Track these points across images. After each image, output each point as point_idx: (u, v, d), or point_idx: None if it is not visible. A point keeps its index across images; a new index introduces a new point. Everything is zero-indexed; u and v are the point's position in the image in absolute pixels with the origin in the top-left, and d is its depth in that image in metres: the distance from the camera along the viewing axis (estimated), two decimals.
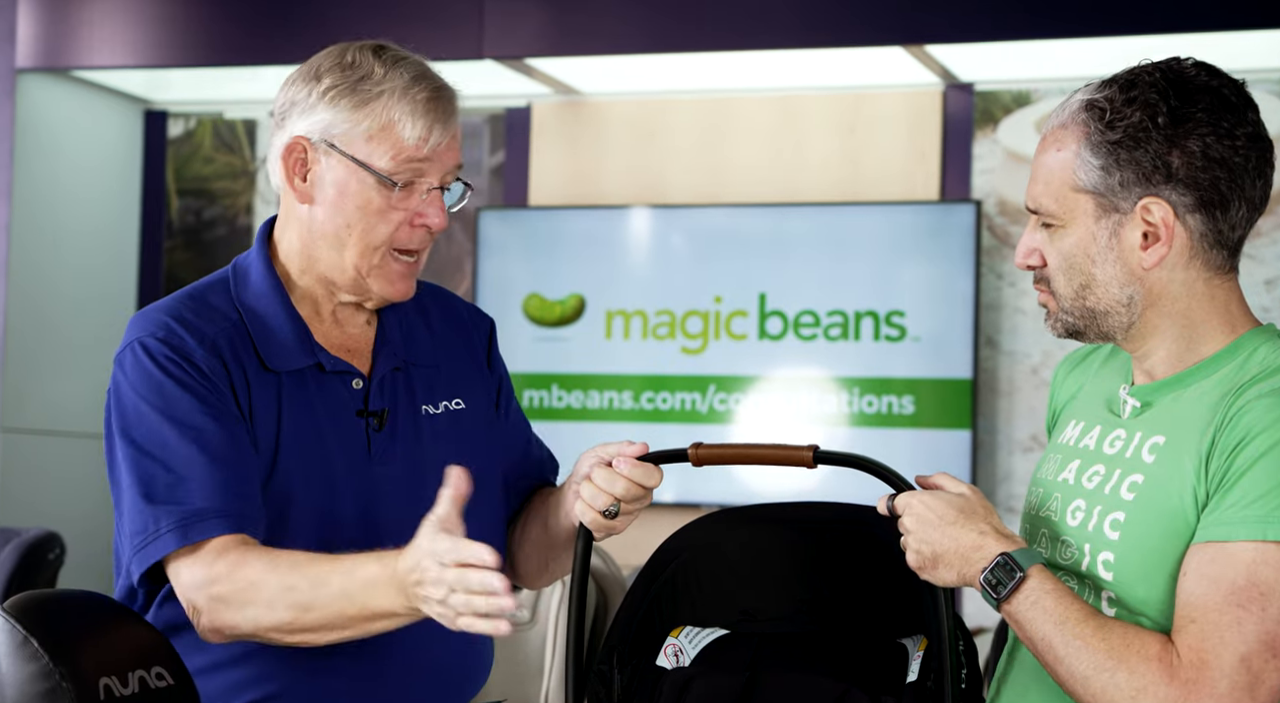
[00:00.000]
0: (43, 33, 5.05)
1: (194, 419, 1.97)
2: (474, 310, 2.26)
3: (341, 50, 2.05)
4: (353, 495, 2.03)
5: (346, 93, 2.01)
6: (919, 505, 1.85)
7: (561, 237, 5.20)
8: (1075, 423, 1.98)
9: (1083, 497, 1.88)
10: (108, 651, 1.85)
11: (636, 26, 4.69)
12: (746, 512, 2.10)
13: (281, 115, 2.06)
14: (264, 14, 4.92)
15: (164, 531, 1.94)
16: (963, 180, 4.99)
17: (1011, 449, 4.93)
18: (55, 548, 4.03)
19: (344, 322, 2.11)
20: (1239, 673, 1.69)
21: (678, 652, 1.98)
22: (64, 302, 5.34)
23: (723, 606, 2.03)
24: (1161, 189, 1.80)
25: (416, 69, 2.04)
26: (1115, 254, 1.83)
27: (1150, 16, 4.28)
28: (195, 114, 5.66)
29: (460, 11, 4.75)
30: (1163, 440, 1.83)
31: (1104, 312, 1.86)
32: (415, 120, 2.01)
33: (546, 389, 5.17)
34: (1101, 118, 1.81)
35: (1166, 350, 1.87)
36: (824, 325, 5.00)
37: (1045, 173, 1.87)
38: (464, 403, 2.14)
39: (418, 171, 2.03)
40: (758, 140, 5.18)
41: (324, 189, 2.03)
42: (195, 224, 5.63)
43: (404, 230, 2.04)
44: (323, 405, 2.05)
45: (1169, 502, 1.80)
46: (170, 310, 2.04)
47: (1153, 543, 1.80)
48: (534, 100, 5.34)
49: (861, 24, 4.54)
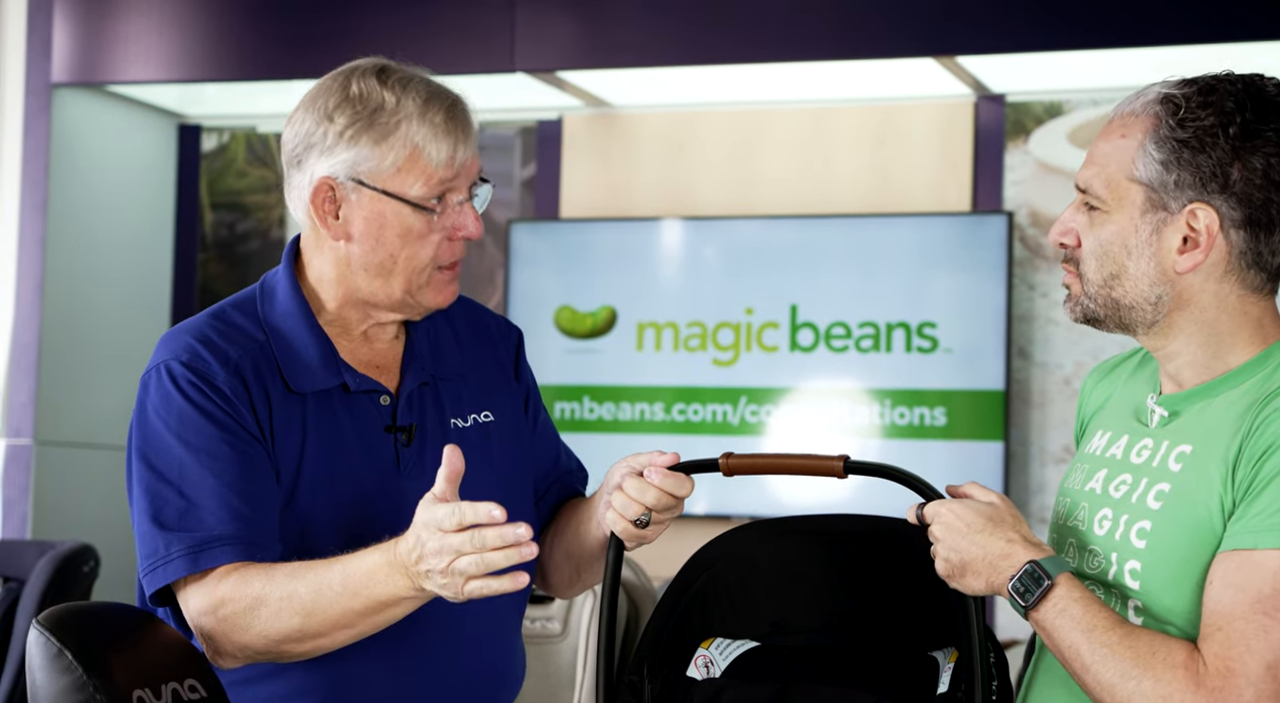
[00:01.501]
0: (78, 47, 5.09)
1: (212, 446, 1.97)
2: (501, 321, 2.26)
3: (345, 81, 2.04)
4: (382, 512, 2.03)
5: (364, 130, 2.01)
6: (948, 514, 1.85)
7: (593, 249, 5.21)
8: (1103, 433, 1.97)
9: (1110, 506, 1.88)
10: (140, 663, 1.86)
11: (667, 39, 4.70)
12: (778, 524, 2.10)
13: (297, 156, 2.05)
14: (296, 28, 4.94)
15: (174, 556, 1.95)
16: (994, 192, 4.98)
17: (1044, 461, 4.91)
18: (90, 561, 4.04)
19: (373, 338, 2.11)
20: (1265, 681, 1.69)
21: (708, 663, 1.98)
22: (99, 315, 5.37)
23: (753, 618, 2.03)
24: (1214, 198, 1.80)
25: (426, 88, 2.04)
26: (1152, 251, 1.83)
27: (1184, 27, 4.26)
28: (229, 128, 5.68)
29: (492, 25, 4.76)
30: (1190, 450, 1.83)
31: (1129, 306, 1.86)
32: (439, 143, 2.01)
33: (578, 401, 5.18)
34: (1175, 114, 1.81)
35: (1191, 355, 1.87)
36: (855, 337, 4.99)
37: (1103, 157, 1.86)
38: (493, 415, 2.15)
39: (448, 189, 2.03)
40: (789, 152, 5.17)
41: (359, 225, 2.03)
42: (229, 237, 5.65)
43: (444, 247, 2.05)
44: (350, 424, 2.05)
45: (1196, 510, 1.79)
46: (196, 332, 2.04)
47: (1179, 552, 1.80)
48: (565, 113, 5.35)
49: (892, 35, 4.54)
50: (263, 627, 1.92)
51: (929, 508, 1.87)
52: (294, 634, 1.91)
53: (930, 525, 1.86)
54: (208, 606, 1.94)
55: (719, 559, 2.06)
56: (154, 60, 5.03)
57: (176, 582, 1.96)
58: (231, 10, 5.00)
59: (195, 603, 1.95)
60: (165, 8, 5.02)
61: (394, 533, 1.98)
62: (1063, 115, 4.95)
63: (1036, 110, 4.96)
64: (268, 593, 1.91)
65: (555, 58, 4.80)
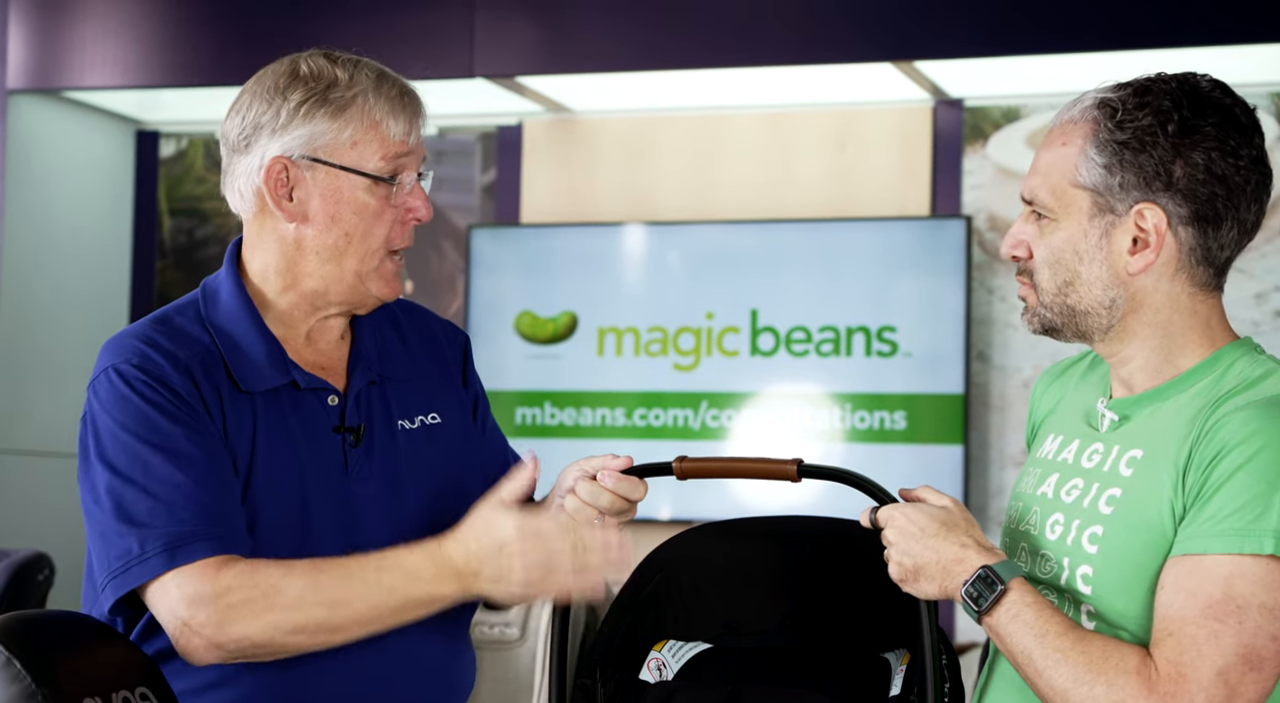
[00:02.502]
0: (33, 54, 5.06)
1: (175, 443, 1.96)
2: (448, 326, 2.26)
3: (291, 65, 2.04)
4: (330, 512, 2.03)
5: (319, 104, 2.00)
6: (901, 518, 1.86)
7: (553, 254, 5.21)
8: (1054, 437, 1.98)
9: (1061, 511, 1.89)
10: (91, 671, 1.84)
11: (627, 44, 4.70)
12: (730, 526, 2.10)
13: (245, 140, 2.04)
14: (255, 34, 4.92)
15: (150, 554, 1.92)
16: (953, 196, 5.00)
17: (1004, 464, 4.93)
18: (45, 569, 4.02)
19: (317, 340, 2.10)
20: (1216, 687, 1.69)
21: (661, 666, 1.98)
22: (56, 322, 5.34)
23: (705, 620, 2.04)
24: (1159, 196, 1.81)
25: (375, 68, 2.05)
26: (1103, 255, 1.84)
27: (1140, 32, 4.29)
28: (187, 134, 5.66)
29: (451, 30, 4.76)
30: (1140, 454, 1.84)
31: (1084, 311, 1.87)
32: (396, 117, 2.02)
33: (539, 407, 5.17)
34: (1113, 117, 1.82)
35: (1144, 360, 1.88)
36: (816, 341, 5.00)
37: (1046, 166, 1.87)
38: (440, 417, 2.14)
39: (401, 166, 2.03)
40: (749, 157, 5.18)
41: (314, 204, 2.02)
42: (187, 244, 5.63)
43: (396, 229, 2.04)
44: (298, 424, 2.04)
45: (1146, 515, 1.80)
46: (142, 335, 2.03)
47: (1131, 556, 1.80)
48: (525, 118, 5.35)
49: (851, 41, 4.55)
50: (276, 617, 1.90)
51: (882, 512, 1.87)
52: (313, 626, 1.91)
53: (883, 530, 1.87)
54: (204, 595, 1.90)
55: (672, 561, 2.06)
56: (111, 66, 5.01)
57: (147, 582, 1.94)
58: (189, 16, 4.98)
59: (183, 593, 1.91)
60: (122, 13, 5.00)
61: (343, 534, 1.98)
62: (1020, 120, 4.97)
63: (994, 115, 4.99)
64: (287, 585, 1.90)
65: (515, 63, 4.80)
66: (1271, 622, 1.70)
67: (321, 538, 2.01)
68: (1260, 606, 1.70)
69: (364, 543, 2.02)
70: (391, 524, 2.06)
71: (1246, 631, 1.70)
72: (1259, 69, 4.59)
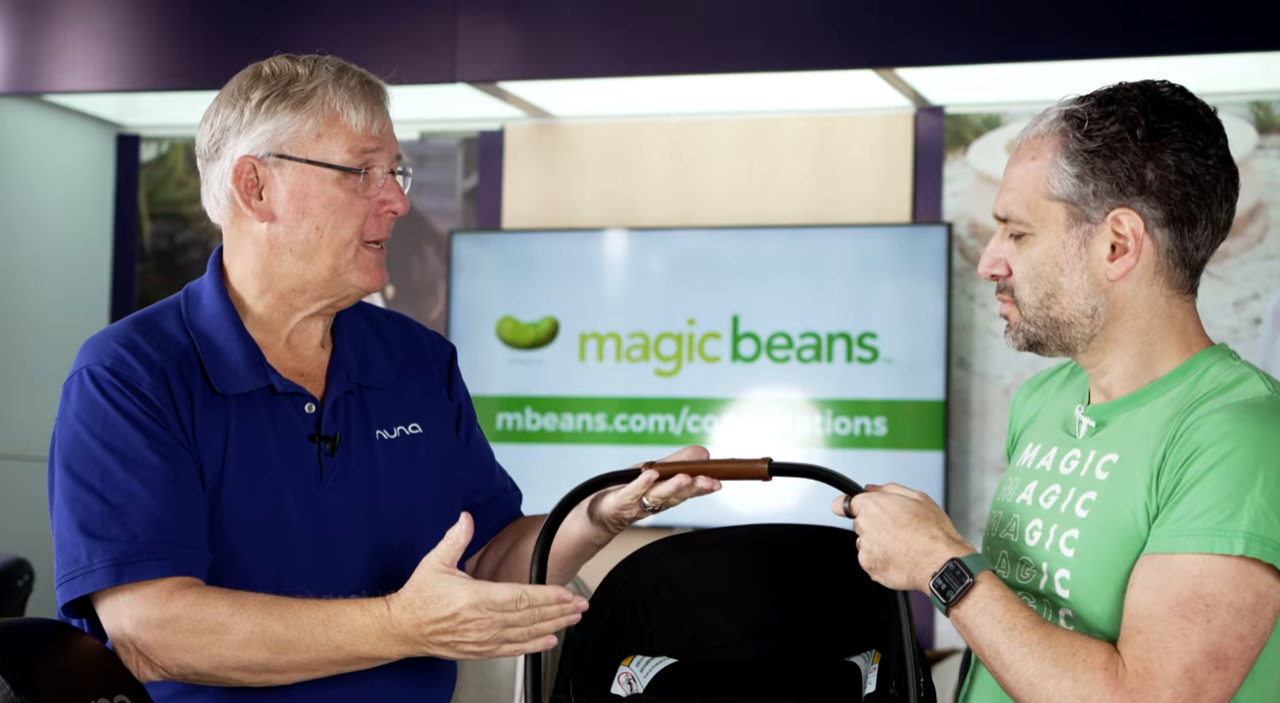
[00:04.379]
0: (14, 57, 5.04)
1: (138, 453, 1.95)
2: (434, 337, 2.25)
3: (255, 69, 2.06)
4: (304, 520, 2.02)
5: (280, 98, 2.01)
6: (873, 507, 1.87)
7: (535, 259, 5.20)
8: (1033, 445, 1.99)
9: (1040, 517, 1.90)
10: (69, 678, 1.84)
11: (609, 50, 4.70)
12: (688, 538, 2.11)
13: (214, 146, 2.05)
14: (236, 38, 4.92)
15: (97, 566, 1.92)
16: (934, 203, 5.01)
17: (984, 470, 4.94)
18: (24, 575, 4.01)
19: (298, 346, 2.09)
20: (1182, 684, 1.70)
21: (630, 680, 1.99)
22: (35, 325, 5.32)
23: (670, 635, 2.04)
24: (1134, 200, 1.83)
25: (337, 62, 2.05)
26: (1083, 264, 1.85)
27: (1120, 40, 4.31)
28: (167, 138, 5.65)
29: (433, 35, 4.75)
30: (1116, 459, 1.85)
31: (1067, 322, 1.88)
32: (357, 107, 2.02)
33: (520, 412, 5.17)
34: (1080, 127, 1.84)
35: (1123, 367, 1.89)
36: (797, 347, 5.01)
37: (1018, 181, 1.89)
38: (421, 428, 2.13)
39: (371, 159, 2.03)
40: (730, 163, 5.19)
41: (282, 201, 2.02)
42: (168, 248, 5.62)
43: (370, 222, 2.04)
44: (273, 429, 2.03)
45: (1121, 516, 1.81)
46: (120, 337, 2.03)
47: (1107, 558, 1.81)
48: (507, 123, 5.35)
49: (832, 47, 4.56)
50: (220, 652, 1.91)
51: (856, 500, 1.89)
52: (255, 666, 1.91)
53: (856, 517, 1.88)
54: (152, 619, 1.91)
55: (633, 577, 2.07)
56: (92, 70, 5.00)
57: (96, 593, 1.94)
58: (170, 19, 4.97)
59: (131, 613, 1.92)
60: (103, 17, 4.99)
61: (315, 544, 1.98)
62: (1001, 127, 4.98)
63: (975, 122, 5.00)
64: (234, 623, 1.90)
65: (497, 69, 4.80)
66: (1239, 621, 1.71)
67: (296, 544, 2.01)
68: (1228, 605, 1.71)
69: (337, 551, 2.02)
70: (368, 533, 2.05)
71: (1214, 629, 1.71)
72: (1238, 78, 4.61)
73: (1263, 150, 4.75)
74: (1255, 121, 4.76)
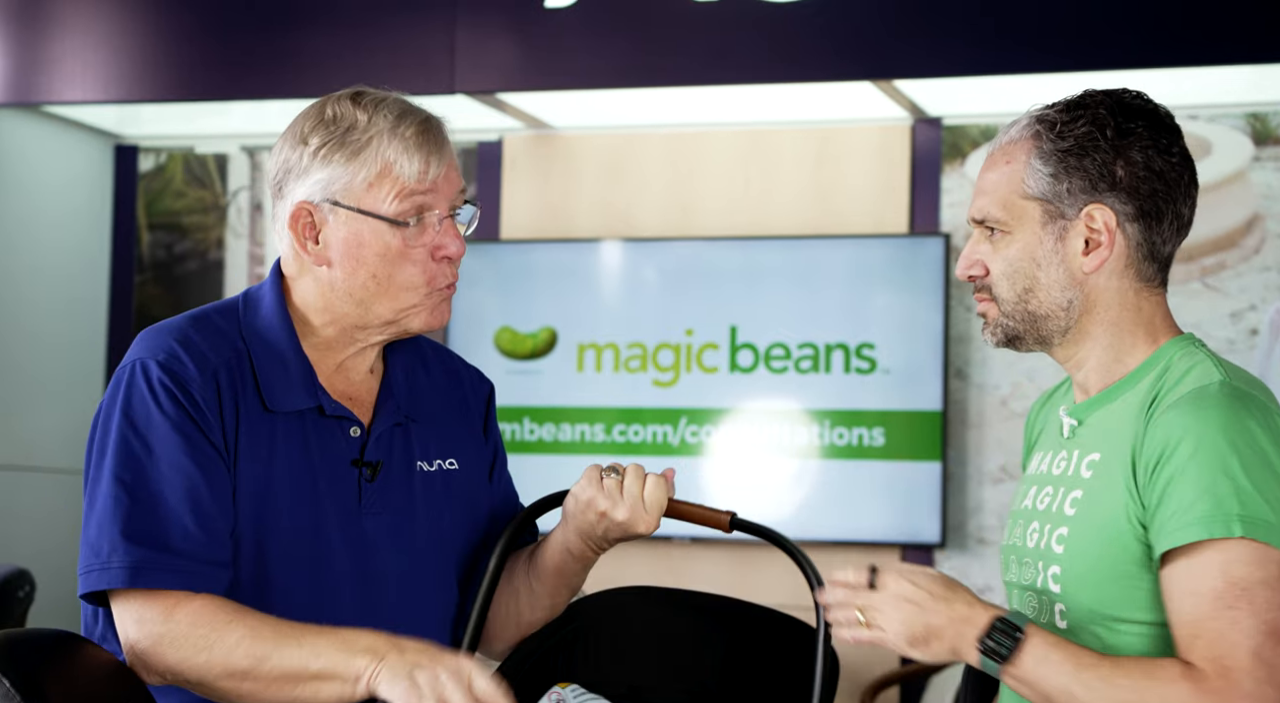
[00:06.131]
0: (12, 67, 5.05)
1: (174, 457, 1.96)
2: (475, 373, 2.26)
3: (320, 107, 2.05)
4: (341, 543, 2.03)
5: (337, 148, 2.01)
6: (906, 585, 1.88)
7: (533, 270, 5.21)
8: (1041, 454, 2.07)
9: (1037, 518, 1.98)
10: (79, 688, 1.85)
11: (607, 61, 4.71)
12: (660, 593, 2.16)
13: (279, 184, 2.06)
14: (235, 49, 4.92)
15: (114, 566, 1.93)
16: (931, 214, 5.03)
17: (981, 480, 4.95)
18: (25, 586, 4.01)
19: (348, 370, 2.10)
20: (1257, 667, 1.76)
21: (559, 701, 2.01)
22: (34, 337, 5.32)
23: (613, 677, 2.07)
24: (1106, 196, 1.92)
25: (399, 107, 2.05)
26: (1059, 258, 1.94)
27: (1117, 52, 4.32)
28: (166, 149, 5.65)
29: (432, 46, 4.76)
30: (1098, 457, 1.93)
31: (1044, 315, 1.96)
32: (411, 157, 2.01)
33: (518, 422, 5.17)
34: (1053, 129, 1.94)
35: (1096, 359, 1.97)
36: (795, 358, 5.02)
37: (993, 185, 1.98)
38: (457, 463, 2.14)
39: (424, 206, 2.03)
40: (728, 174, 5.20)
41: (338, 248, 2.02)
42: (166, 259, 5.62)
43: (431, 267, 2.04)
44: (318, 449, 2.04)
45: (1105, 511, 1.89)
46: (177, 332, 2.03)
47: (1093, 551, 1.89)
48: (505, 134, 5.36)
49: (830, 59, 4.57)
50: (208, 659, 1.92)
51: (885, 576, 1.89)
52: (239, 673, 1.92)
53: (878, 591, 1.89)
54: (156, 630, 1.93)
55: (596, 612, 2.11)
56: (90, 80, 5.00)
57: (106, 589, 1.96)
58: (169, 30, 4.98)
59: (139, 616, 1.94)
60: (102, 27, 4.99)
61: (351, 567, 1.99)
62: None
63: (972, 133, 5.02)
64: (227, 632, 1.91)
65: (495, 80, 4.81)
66: (1276, 593, 1.78)
67: (332, 566, 2.02)
68: (1260, 582, 1.77)
69: (372, 576, 2.04)
70: (401, 561, 2.06)
71: (1260, 608, 1.77)
72: (1235, 90, 4.63)
73: (1259, 162, 4.76)
74: (1252, 133, 4.78)
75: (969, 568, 4.90)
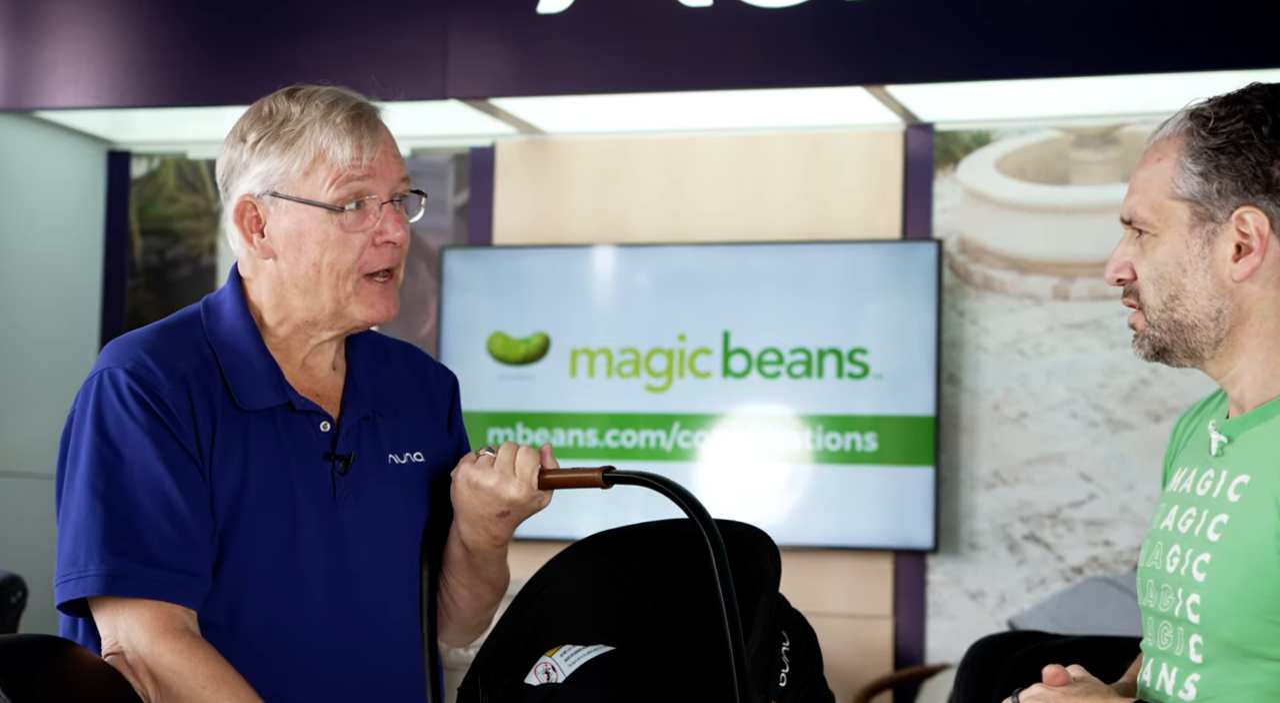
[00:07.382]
0: (5, 73, 5.05)
1: (149, 464, 1.97)
2: (439, 367, 2.29)
3: (259, 105, 2.10)
4: (317, 536, 2.05)
5: (272, 140, 2.06)
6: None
7: (526, 275, 5.22)
8: (1184, 470, 1.95)
9: (1179, 541, 1.86)
10: (70, 695, 1.85)
11: (600, 67, 4.72)
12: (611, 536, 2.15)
13: (225, 184, 2.11)
14: (227, 55, 4.92)
15: (91, 573, 1.95)
16: (924, 219, 5.03)
17: (974, 486, 4.95)
18: (17, 591, 4.00)
19: (311, 368, 2.13)
20: None
21: (550, 669, 2.00)
22: (26, 342, 5.32)
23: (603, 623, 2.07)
24: (1259, 199, 1.80)
25: (331, 97, 2.08)
26: (1207, 263, 1.82)
27: (1110, 57, 4.33)
28: (158, 154, 5.65)
29: (425, 52, 4.77)
30: (1248, 479, 1.81)
31: (1191, 325, 1.84)
32: (342, 142, 2.05)
33: (511, 428, 5.18)
34: (1205, 125, 1.82)
35: (1252, 376, 1.85)
36: (787, 363, 5.02)
37: (1143, 183, 1.86)
38: (424, 457, 2.17)
39: (363, 191, 2.06)
40: (721, 179, 5.21)
41: (281, 239, 2.06)
42: (159, 264, 5.62)
43: (369, 253, 2.07)
44: (291, 445, 2.06)
45: (1251, 539, 1.77)
46: (143, 342, 2.05)
47: (1236, 581, 1.77)
48: (498, 140, 5.36)
49: (823, 64, 4.58)
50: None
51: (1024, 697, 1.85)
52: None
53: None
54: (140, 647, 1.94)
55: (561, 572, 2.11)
56: (83, 86, 5.00)
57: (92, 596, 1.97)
58: (161, 36, 4.98)
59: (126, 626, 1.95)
60: (94, 33, 4.99)
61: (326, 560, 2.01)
62: (990, 144, 5.01)
63: (965, 139, 5.02)
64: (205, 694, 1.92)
65: (488, 85, 4.81)
66: None
67: (308, 559, 2.04)
68: None
69: (348, 567, 2.06)
70: (375, 552, 2.09)
71: None
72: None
73: None
74: None
75: (961, 574, 4.90)
